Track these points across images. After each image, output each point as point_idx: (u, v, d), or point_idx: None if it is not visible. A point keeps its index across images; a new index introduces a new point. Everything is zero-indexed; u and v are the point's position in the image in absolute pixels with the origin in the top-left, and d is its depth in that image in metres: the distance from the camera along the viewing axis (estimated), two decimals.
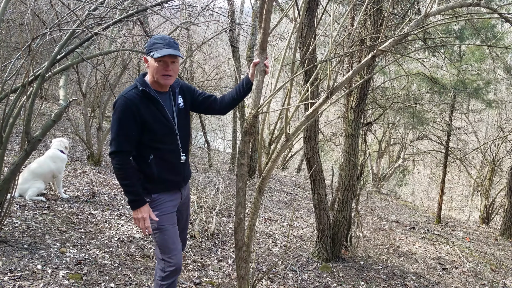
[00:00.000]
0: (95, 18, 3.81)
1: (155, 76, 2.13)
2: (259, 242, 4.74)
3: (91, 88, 7.88)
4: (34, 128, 5.11)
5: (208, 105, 2.46)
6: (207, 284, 3.30)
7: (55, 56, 3.32)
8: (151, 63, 2.11)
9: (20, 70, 3.37)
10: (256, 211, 2.52)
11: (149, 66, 2.14)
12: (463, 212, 15.03)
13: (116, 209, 4.70)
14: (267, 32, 2.26)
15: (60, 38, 3.78)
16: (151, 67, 2.12)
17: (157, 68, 2.10)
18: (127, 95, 2.09)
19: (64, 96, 3.62)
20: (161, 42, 2.10)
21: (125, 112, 2.07)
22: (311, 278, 3.91)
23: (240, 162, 2.41)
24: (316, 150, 4.21)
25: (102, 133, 6.95)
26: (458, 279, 4.73)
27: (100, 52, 4.92)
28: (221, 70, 11.02)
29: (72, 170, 6.02)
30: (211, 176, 7.94)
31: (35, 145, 3.24)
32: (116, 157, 2.09)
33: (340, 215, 4.44)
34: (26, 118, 3.14)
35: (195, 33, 10.68)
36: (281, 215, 6.43)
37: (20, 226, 3.61)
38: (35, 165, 4.44)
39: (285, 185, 9.82)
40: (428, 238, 6.77)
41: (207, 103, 2.45)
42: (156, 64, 2.09)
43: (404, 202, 12.34)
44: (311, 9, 3.91)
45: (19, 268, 2.88)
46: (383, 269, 4.46)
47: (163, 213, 2.25)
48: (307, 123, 2.44)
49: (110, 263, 3.30)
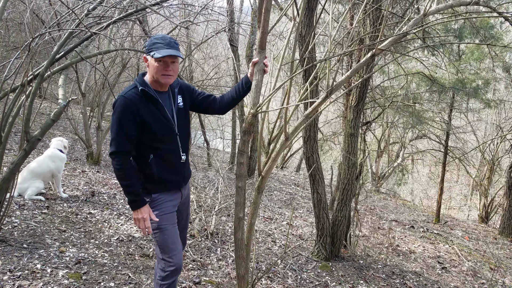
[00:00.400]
0: (94, 17, 3.80)
1: (155, 76, 2.13)
2: (258, 241, 4.75)
3: (90, 87, 7.87)
4: (33, 128, 5.10)
5: (207, 104, 2.45)
6: (206, 283, 3.31)
7: (54, 56, 3.31)
8: (151, 62, 2.10)
9: (19, 69, 3.36)
10: (256, 210, 2.52)
11: (149, 66, 2.13)
12: (462, 211, 15.05)
13: (115, 208, 4.70)
14: (266, 31, 2.26)
15: (59, 38, 3.78)
16: (151, 66, 2.11)
17: (157, 68, 2.09)
18: (126, 95, 2.09)
19: (63, 96, 3.62)
20: (162, 42, 2.09)
21: (124, 112, 2.06)
22: (310, 277, 3.91)
23: (240, 161, 2.41)
24: (316, 149, 4.21)
25: (101, 133, 6.95)
26: (457, 278, 4.73)
27: (99, 51, 4.92)
28: (220, 70, 11.00)
29: (71, 169, 6.02)
30: (211, 175, 7.94)
31: (34, 144, 3.23)
32: (116, 157, 2.09)
33: (339, 214, 4.44)
34: (25, 117, 3.13)
35: (194, 32, 10.67)
36: (280, 214, 6.43)
37: (20, 225, 3.61)
38: (34, 164, 4.43)
39: (285, 184, 9.82)
40: (427, 237, 6.78)
41: (206, 102, 2.45)
42: (156, 64, 2.08)
43: (403, 201, 12.36)
44: (310, 8, 3.91)
45: (19, 267, 2.88)
46: (382, 268, 4.47)
47: (163, 212, 2.24)
48: (306, 122, 2.44)
49: (109, 262, 3.31)
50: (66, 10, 3.67)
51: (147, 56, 2.11)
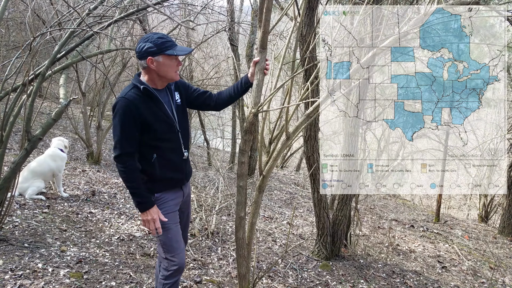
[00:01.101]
0: (95, 16, 3.81)
1: (168, 74, 2.14)
2: (259, 240, 4.76)
3: (90, 87, 7.88)
4: (34, 127, 5.11)
5: (203, 101, 2.46)
6: (207, 282, 3.32)
7: (55, 55, 3.32)
8: (164, 61, 2.09)
9: (20, 69, 3.37)
10: (257, 210, 2.53)
11: (155, 66, 2.10)
12: (461, 210, 15.06)
13: (116, 207, 4.70)
14: (267, 30, 2.27)
15: (60, 37, 3.78)
16: (163, 65, 2.10)
17: (171, 65, 2.12)
18: (127, 96, 2.08)
19: (65, 95, 3.63)
20: (169, 40, 2.11)
21: (126, 114, 2.06)
22: (311, 276, 3.92)
23: (241, 161, 2.42)
24: (316, 149, 4.21)
25: (101, 132, 6.95)
26: (457, 277, 4.74)
27: (100, 50, 4.92)
28: (220, 69, 11.00)
29: (71, 169, 6.02)
30: (211, 174, 7.95)
31: (35, 144, 3.24)
32: (122, 160, 2.08)
33: (339, 214, 4.45)
34: (26, 117, 3.14)
35: (194, 32, 10.66)
36: (280, 213, 6.44)
37: (21, 225, 3.61)
38: (35, 164, 4.44)
39: (285, 184, 9.83)
40: (427, 236, 6.79)
41: (202, 98, 2.46)
42: (169, 61, 2.10)
43: (403, 200, 12.37)
44: (311, 7, 3.91)
45: (20, 267, 2.89)
46: (382, 267, 4.48)
47: (166, 212, 2.25)
48: (307, 122, 2.44)
49: (110, 261, 3.31)
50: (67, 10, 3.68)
51: (157, 57, 2.08)
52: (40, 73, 3.24)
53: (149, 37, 2.09)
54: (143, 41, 2.09)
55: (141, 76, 2.19)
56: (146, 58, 2.07)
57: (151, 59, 2.08)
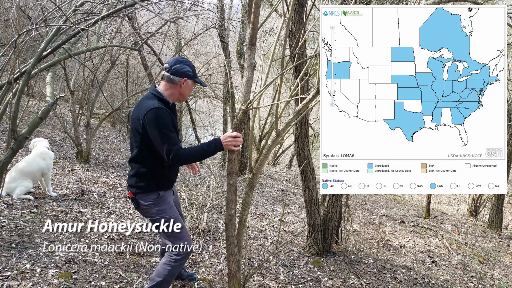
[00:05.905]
0: (82, 13, 3.75)
1: (186, 95, 2.54)
2: (250, 237, 4.75)
3: (79, 84, 7.77)
4: (21, 126, 5.03)
5: None
6: (198, 280, 3.30)
7: (41, 52, 3.26)
8: (190, 85, 2.47)
9: (5, 66, 3.31)
10: (247, 207, 2.52)
11: (183, 87, 2.44)
12: (451, 205, 15.24)
13: (105, 207, 4.66)
14: (256, 27, 2.25)
15: (46, 34, 3.72)
16: (187, 88, 2.46)
17: (190, 89, 2.52)
18: (160, 106, 2.33)
19: (51, 93, 3.57)
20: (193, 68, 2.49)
21: (167, 118, 2.32)
22: (302, 272, 3.93)
23: (231, 158, 2.41)
24: (307, 146, 4.22)
25: (90, 131, 6.87)
26: (447, 271, 4.79)
27: (87, 48, 4.86)
28: (210, 66, 10.96)
29: (60, 168, 5.95)
30: (202, 172, 7.92)
31: (21, 143, 3.19)
32: (180, 152, 2.29)
33: (330, 210, 4.47)
34: (12, 115, 3.09)
35: (184, 29, 10.60)
36: (272, 210, 6.44)
37: (8, 225, 3.56)
38: (24, 163, 4.37)
39: (276, 181, 9.84)
40: (418, 231, 6.86)
41: None
42: (191, 86, 2.49)
43: (393, 196, 12.47)
44: (300, 4, 3.90)
45: (7, 267, 2.85)
46: (373, 262, 4.51)
47: (170, 205, 2.54)
48: (297, 119, 2.44)
49: (100, 261, 3.28)
50: (53, 6, 3.61)
51: (189, 80, 2.44)
52: (26, 71, 3.18)
53: (188, 62, 2.46)
54: (183, 63, 2.43)
55: (160, 88, 2.46)
56: (182, 78, 2.41)
57: (185, 80, 2.42)
